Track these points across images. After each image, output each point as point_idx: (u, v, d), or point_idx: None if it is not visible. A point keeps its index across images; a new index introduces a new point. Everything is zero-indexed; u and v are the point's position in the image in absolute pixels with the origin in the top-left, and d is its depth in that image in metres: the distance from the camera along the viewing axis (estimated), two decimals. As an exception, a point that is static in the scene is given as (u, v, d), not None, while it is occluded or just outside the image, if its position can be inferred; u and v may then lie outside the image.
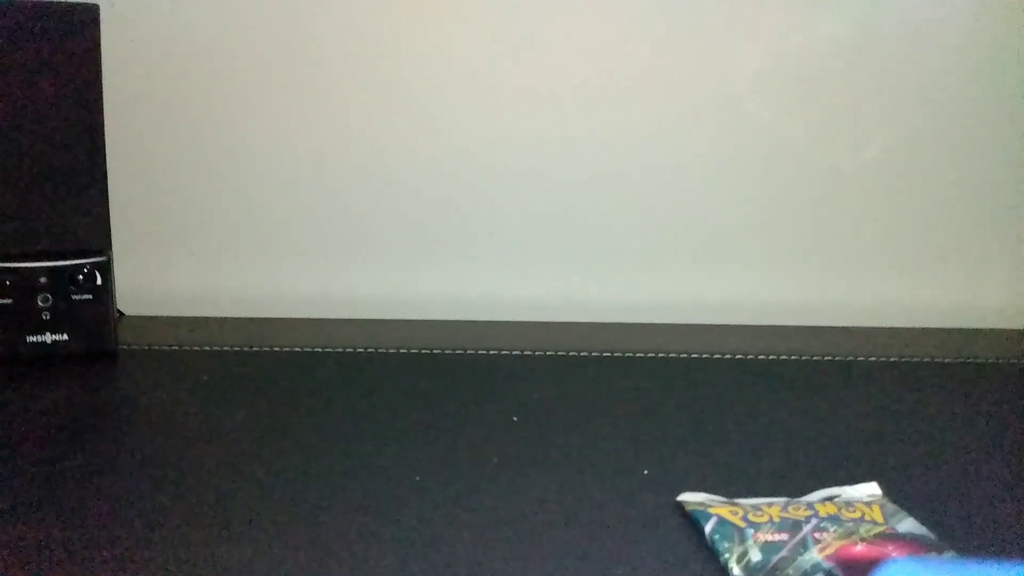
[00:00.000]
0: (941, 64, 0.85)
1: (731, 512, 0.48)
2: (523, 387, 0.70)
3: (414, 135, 0.87)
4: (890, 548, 0.44)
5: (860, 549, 0.44)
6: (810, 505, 0.48)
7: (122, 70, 0.82)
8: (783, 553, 0.44)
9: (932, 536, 0.46)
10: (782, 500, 0.50)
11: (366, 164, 0.88)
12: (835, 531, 0.45)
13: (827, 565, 0.43)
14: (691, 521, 0.50)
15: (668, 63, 0.85)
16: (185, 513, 0.53)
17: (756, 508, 0.48)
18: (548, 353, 0.76)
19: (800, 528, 0.46)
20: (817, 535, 0.45)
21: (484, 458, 0.59)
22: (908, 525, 0.47)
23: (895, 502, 0.50)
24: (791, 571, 0.43)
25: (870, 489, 0.52)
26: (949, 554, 0.44)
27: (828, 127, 0.87)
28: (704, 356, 0.76)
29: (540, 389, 0.70)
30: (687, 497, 0.51)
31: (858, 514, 0.47)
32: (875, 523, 0.47)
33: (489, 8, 0.84)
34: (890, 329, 0.85)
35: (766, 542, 0.45)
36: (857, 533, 0.45)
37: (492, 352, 0.77)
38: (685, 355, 0.76)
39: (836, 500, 0.50)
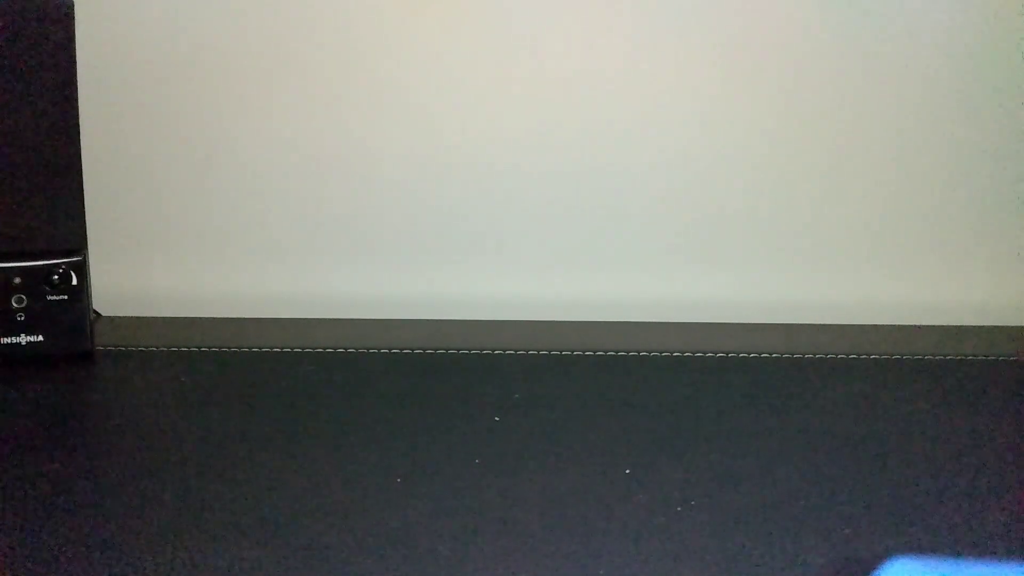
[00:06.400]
0: (931, 62, 0.85)
1: None
2: (504, 387, 0.70)
3: (401, 129, 0.86)
4: None
5: None
6: None
7: (99, 66, 0.81)
8: None
9: None
10: None
11: (349, 161, 0.87)
12: None
13: None
14: None
15: (664, 59, 0.85)
16: (163, 517, 0.52)
17: None
18: (530, 352, 0.76)
19: None
20: None
21: (466, 459, 0.59)
22: None
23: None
24: None
25: None
26: None
27: (816, 125, 0.87)
28: (687, 354, 0.76)
29: (522, 389, 0.69)
30: None
31: None
32: None
33: (484, 4, 0.84)
34: (876, 327, 0.85)
35: None
36: None
37: (472, 351, 0.76)
38: (668, 353, 0.76)
39: None
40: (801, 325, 0.86)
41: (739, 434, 0.63)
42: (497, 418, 0.65)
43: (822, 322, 0.87)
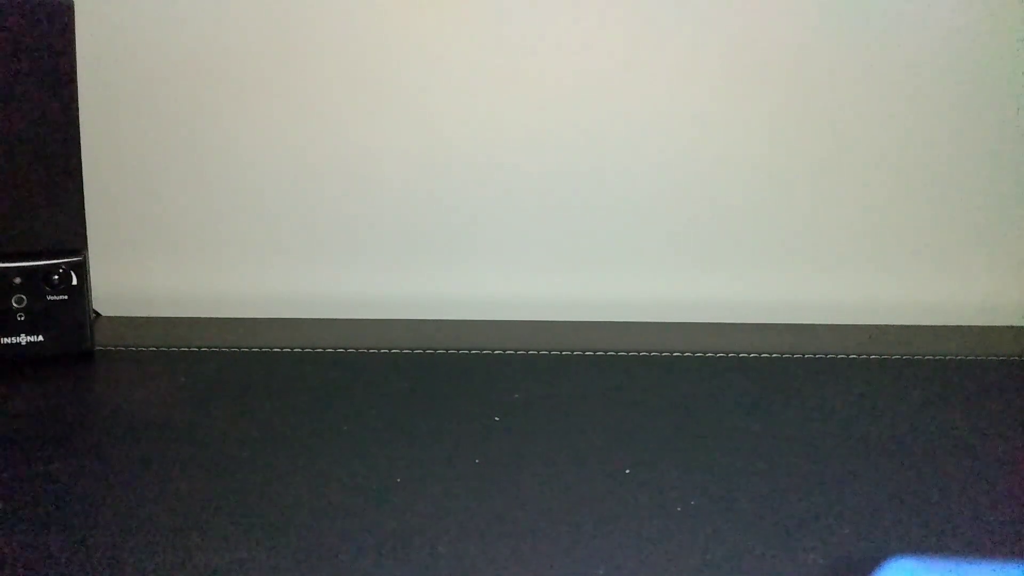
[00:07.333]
0: (931, 62, 0.85)
1: None
2: (504, 387, 0.70)
3: (401, 130, 0.86)
4: None
5: None
6: None
7: (99, 66, 0.81)
8: None
9: None
10: None
11: (349, 160, 0.87)
12: None
13: None
14: None
15: (664, 59, 0.85)
16: (164, 517, 0.52)
17: None
18: (529, 352, 0.76)
19: None
20: None
21: (465, 459, 0.59)
22: None
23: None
24: None
25: None
26: None
27: (816, 125, 0.87)
28: (687, 354, 0.76)
29: (521, 389, 0.69)
30: None
31: None
32: None
33: (484, 4, 0.84)
34: (876, 327, 0.85)
35: None
36: None
37: (472, 351, 0.76)
38: (668, 353, 0.76)
39: None
40: (801, 325, 0.86)
41: (739, 434, 0.63)
42: (497, 418, 0.65)
43: (822, 322, 0.87)
